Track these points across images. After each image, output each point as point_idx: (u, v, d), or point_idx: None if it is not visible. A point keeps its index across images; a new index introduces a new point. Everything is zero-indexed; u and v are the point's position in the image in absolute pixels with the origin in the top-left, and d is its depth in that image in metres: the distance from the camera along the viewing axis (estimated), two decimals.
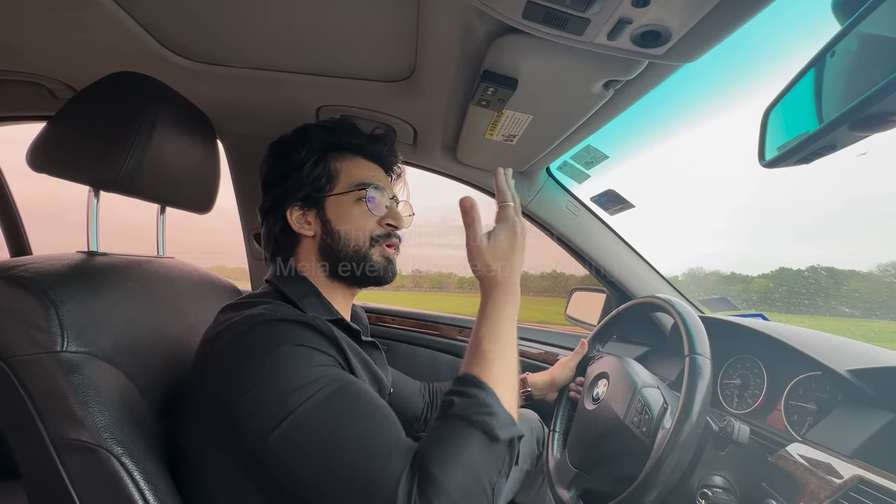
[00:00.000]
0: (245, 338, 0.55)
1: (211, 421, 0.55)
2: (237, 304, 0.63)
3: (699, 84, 0.93)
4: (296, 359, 0.53)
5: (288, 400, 0.50)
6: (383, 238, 0.72)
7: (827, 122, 0.45)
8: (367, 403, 0.54)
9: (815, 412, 0.74)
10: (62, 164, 0.66)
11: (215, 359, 0.56)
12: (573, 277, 1.91)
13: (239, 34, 0.76)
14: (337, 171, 0.72)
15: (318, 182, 0.70)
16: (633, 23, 0.49)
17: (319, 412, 0.50)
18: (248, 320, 0.56)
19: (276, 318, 0.56)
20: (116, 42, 0.78)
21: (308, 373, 0.53)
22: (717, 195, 37.31)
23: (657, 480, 0.61)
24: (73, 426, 0.52)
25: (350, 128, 0.75)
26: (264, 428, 0.50)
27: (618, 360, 0.87)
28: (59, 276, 0.58)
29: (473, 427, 0.50)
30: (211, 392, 0.55)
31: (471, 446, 0.49)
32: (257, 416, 0.51)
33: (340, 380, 0.54)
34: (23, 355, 0.53)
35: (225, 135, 1.12)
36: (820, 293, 1.46)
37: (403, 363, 1.37)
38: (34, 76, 0.95)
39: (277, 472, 0.51)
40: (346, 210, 0.71)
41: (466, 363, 0.58)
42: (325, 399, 0.51)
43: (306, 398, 0.50)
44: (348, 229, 0.70)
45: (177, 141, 0.73)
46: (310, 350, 0.55)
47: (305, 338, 0.56)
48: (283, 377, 0.52)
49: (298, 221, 0.71)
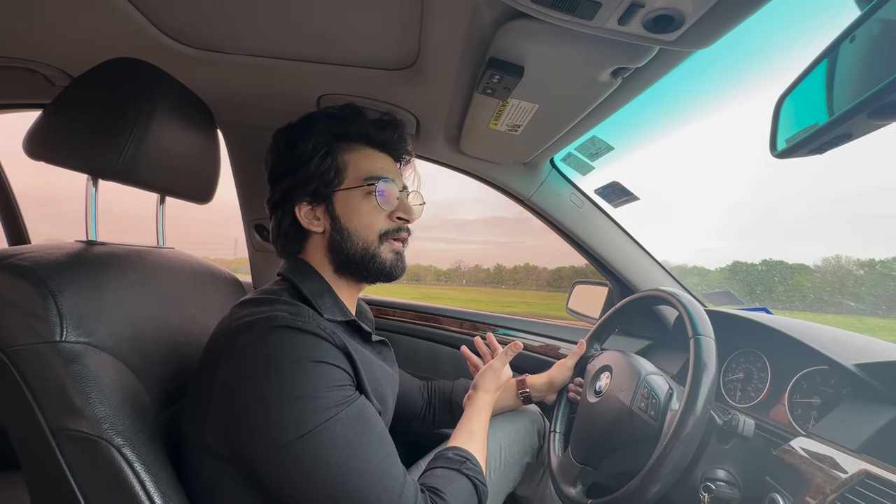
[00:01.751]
0: (266, 341, 0.55)
1: (218, 416, 0.55)
2: (257, 300, 0.62)
3: (710, 72, 0.92)
4: (317, 377, 0.54)
5: (305, 420, 0.52)
6: (392, 232, 0.71)
7: (844, 111, 0.43)
8: (377, 432, 0.59)
9: (820, 406, 0.74)
10: (60, 153, 0.65)
11: (232, 356, 0.55)
12: (546, 270, 1.93)
13: (239, 20, 0.74)
14: (345, 163, 0.70)
15: (326, 176, 0.69)
16: (645, 6, 0.48)
17: (333, 438, 0.53)
18: (268, 321, 0.56)
19: (296, 326, 0.56)
20: (114, 27, 0.76)
21: (327, 394, 0.54)
22: (707, 192, 37.48)
23: (661, 473, 0.61)
24: (73, 417, 0.52)
25: (356, 115, 0.73)
26: (275, 443, 0.52)
27: (619, 353, 0.87)
28: (58, 266, 0.57)
29: (466, 478, 0.67)
30: (223, 389, 0.55)
31: (464, 487, 0.65)
32: (269, 429, 0.52)
33: (355, 404, 0.57)
34: (21, 345, 0.53)
35: (225, 123, 1.11)
36: (771, 285, 1.48)
37: (404, 355, 1.37)
38: (29, 62, 0.93)
39: (281, 484, 0.53)
40: (356, 205, 0.69)
41: (463, 441, 0.75)
42: (341, 424, 0.54)
43: (323, 421, 0.53)
44: (357, 225, 0.69)
45: (176, 129, 0.71)
46: (329, 367, 0.56)
47: (325, 353, 0.56)
48: (303, 394, 0.53)
49: (307, 217, 0.70)
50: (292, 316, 0.57)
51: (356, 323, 0.69)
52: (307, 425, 0.52)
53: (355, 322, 0.69)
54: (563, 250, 1.31)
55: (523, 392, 0.98)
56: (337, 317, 0.66)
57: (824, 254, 2.76)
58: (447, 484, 0.63)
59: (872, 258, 3.59)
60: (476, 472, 0.68)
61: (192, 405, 0.59)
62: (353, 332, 0.70)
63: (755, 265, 1.71)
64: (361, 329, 0.70)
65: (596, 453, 0.78)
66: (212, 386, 0.55)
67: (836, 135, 0.48)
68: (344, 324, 0.67)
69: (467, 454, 0.71)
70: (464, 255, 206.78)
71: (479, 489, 0.67)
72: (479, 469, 0.70)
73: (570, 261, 1.23)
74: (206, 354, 0.59)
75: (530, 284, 26.13)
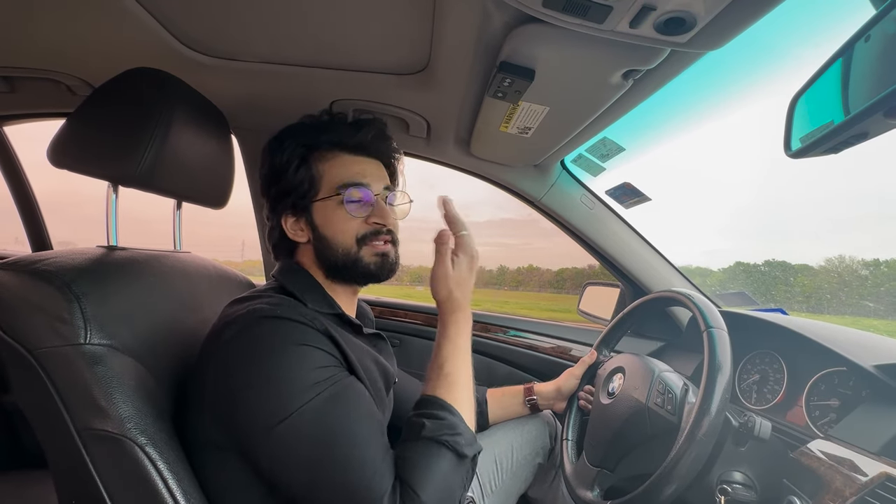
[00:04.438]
0: (249, 332, 0.57)
1: (212, 411, 0.58)
2: (242, 299, 0.65)
3: (723, 71, 0.91)
4: (299, 358, 0.56)
5: (289, 401, 0.53)
6: (371, 236, 0.71)
7: (860, 109, 0.43)
8: (362, 410, 0.58)
9: (838, 408, 0.73)
10: (82, 160, 0.67)
11: (219, 351, 0.58)
12: (549, 271, 1.92)
13: (253, 29, 0.76)
14: (320, 173, 0.70)
15: (301, 188, 0.70)
16: (657, 9, 0.48)
17: (317, 417, 0.54)
18: (250, 315, 0.58)
19: (276, 315, 0.58)
20: (133, 38, 0.78)
21: (310, 374, 0.55)
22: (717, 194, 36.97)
23: (677, 473, 0.60)
24: (98, 416, 0.54)
25: (331, 123, 0.73)
26: (262, 425, 0.53)
27: (631, 354, 0.86)
28: (81, 270, 0.59)
29: (445, 448, 0.57)
30: (213, 383, 0.57)
31: (443, 465, 0.56)
32: (257, 413, 0.54)
33: (340, 382, 0.57)
34: (48, 347, 0.55)
35: (239, 129, 1.13)
36: (773, 285, 1.46)
37: (414, 357, 1.37)
38: (52, 73, 0.96)
39: (273, 468, 0.55)
40: (331, 214, 0.70)
41: (431, 385, 0.63)
42: (324, 402, 0.54)
43: (306, 401, 0.53)
44: (334, 233, 0.70)
45: (192, 136, 0.73)
46: (312, 349, 0.57)
47: (307, 336, 0.57)
48: (287, 376, 0.54)
49: (293, 229, 0.71)
50: (271, 307, 0.59)
51: (345, 316, 0.70)
52: (289, 407, 0.53)
53: (344, 315, 0.70)
54: (567, 251, 1.31)
55: (530, 399, 0.98)
56: (323, 308, 0.67)
57: None
58: (424, 470, 0.55)
59: (877, 258, 3.51)
60: (457, 438, 0.58)
61: (193, 403, 0.61)
62: (343, 324, 0.70)
63: (758, 265, 1.69)
64: (352, 322, 0.71)
65: (612, 455, 0.77)
66: (204, 383, 0.58)
67: (851, 134, 0.47)
68: (331, 316, 0.68)
69: (445, 410, 0.60)
70: None
71: (464, 457, 0.58)
72: (462, 427, 0.60)
73: (574, 262, 1.23)
74: (200, 354, 0.62)
75: (532, 286, 26.25)
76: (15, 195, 1.44)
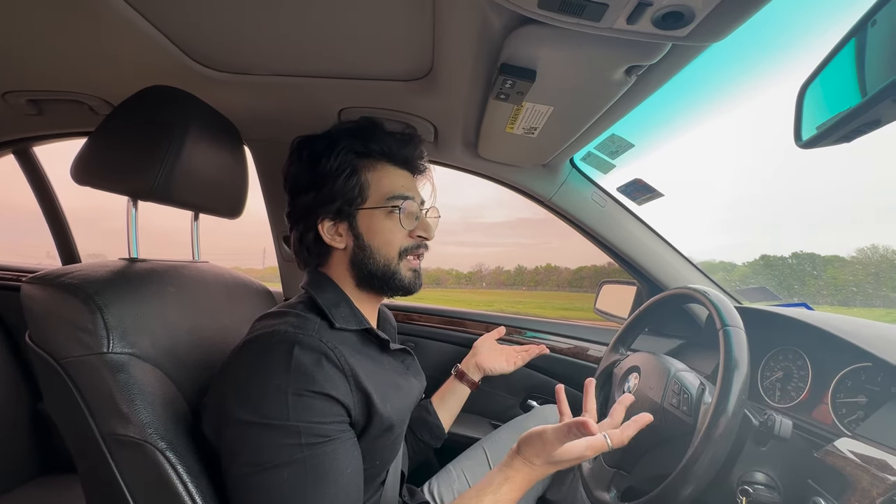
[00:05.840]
0: (262, 359, 0.57)
1: (213, 420, 0.60)
2: (271, 314, 0.65)
3: (731, 61, 0.88)
4: (297, 409, 0.54)
5: (270, 451, 0.53)
6: (412, 249, 0.72)
7: (870, 96, 0.42)
8: (333, 493, 0.55)
9: (866, 405, 0.70)
10: (102, 177, 0.70)
11: (235, 365, 0.59)
12: (567, 270, 1.89)
13: (261, 43, 0.78)
14: (368, 182, 0.70)
15: (350, 195, 0.69)
16: (653, 4, 0.47)
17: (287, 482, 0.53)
18: (270, 337, 0.58)
19: (296, 341, 0.57)
20: (149, 58, 0.81)
21: (302, 429, 0.54)
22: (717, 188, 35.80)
23: (694, 473, 0.59)
24: (121, 422, 0.56)
25: (376, 131, 0.73)
26: (239, 459, 0.54)
27: (647, 353, 0.85)
28: (104, 283, 0.62)
29: None
30: (221, 396, 0.58)
31: None
32: (239, 446, 0.55)
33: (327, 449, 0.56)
34: (73, 356, 0.57)
35: (251, 141, 1.16)
36: (801, 278, 1.39)
37: (431, 360, 1.38)
38: (75, 94, 1.01)
39: (231, 497, 0.56)
40: (378, 224, 0.70)
41: None
42: (300, 471, 0.54)
43: (284, 461, 0.53)
44: (379, 243, 0.70)
45: (206, 149, 0.76)
46: (314, 400, 0.55)
47: (316, 379, 0.56)
48: (278, 424, 0.54)
49: (330, 233, 0.70)
50: (294, 329, 0.58)
51: (373, 331, 0.70)
52: (266, 459, 0.53)
53: (372, 331, 0.70)
54: (585, 250, 1.29)
55: (458, 373, 1.05)
56: (351, 325, 0.67)
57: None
58: None
59: None
60: None
61: (209, 410, 0.62)
62: (369, 341, 0.70)
63: (785, 258, 1.62)
64: (379, 338, 0.71)
65: (629, 456, 0.76)
66: (217, 393, 0.60)
67: (864, 122, 0.46)
68: (359, 332, 0.68)
69: None
70: (487, 258, 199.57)
71: None
72: None
73: (592, 260, 1.21)
74: (223, 364, 0.63)
75: (550, 285, 25.85)
76: (45, 212, 1.51)
